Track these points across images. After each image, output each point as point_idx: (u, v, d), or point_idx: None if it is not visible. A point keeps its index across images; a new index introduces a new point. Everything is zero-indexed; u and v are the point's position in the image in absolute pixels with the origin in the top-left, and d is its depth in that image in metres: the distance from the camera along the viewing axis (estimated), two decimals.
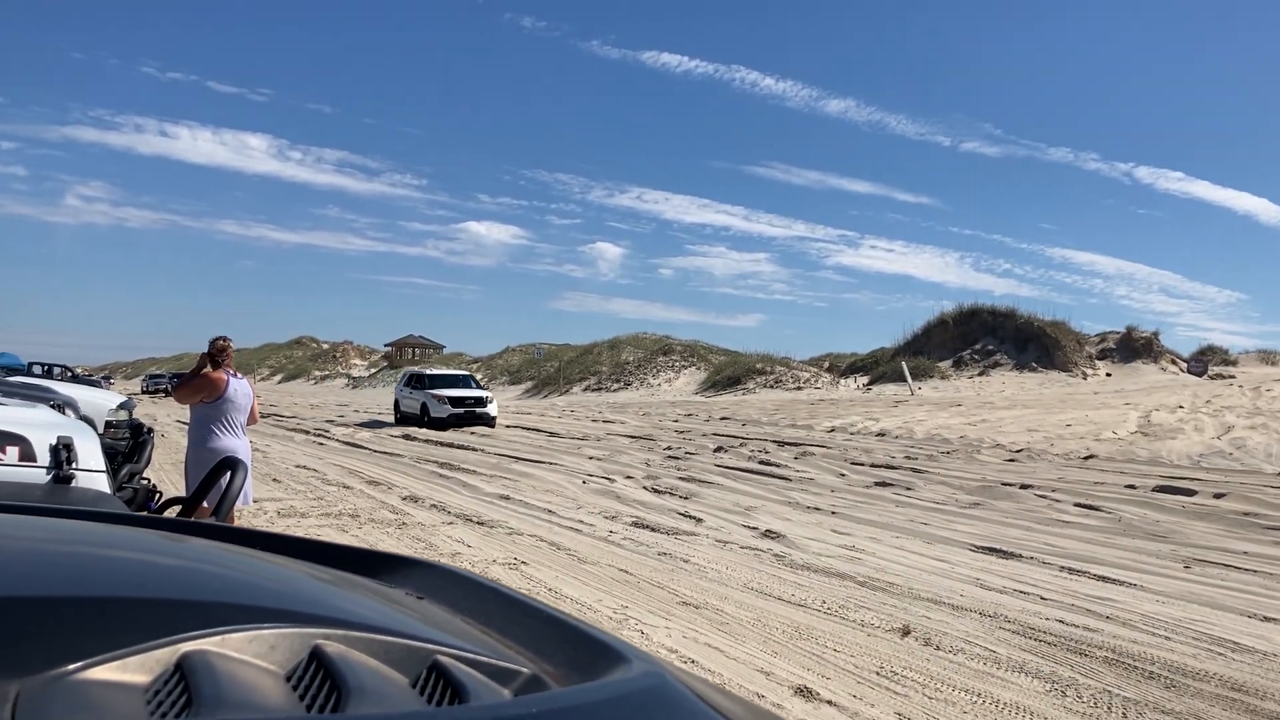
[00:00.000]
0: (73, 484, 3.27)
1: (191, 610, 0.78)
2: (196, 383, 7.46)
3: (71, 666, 0.67)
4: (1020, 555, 9.48)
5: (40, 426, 3.39)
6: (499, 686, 0.80)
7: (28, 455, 3.24)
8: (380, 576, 1.17)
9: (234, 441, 7.44)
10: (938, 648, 6.22)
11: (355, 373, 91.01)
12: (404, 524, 10.97)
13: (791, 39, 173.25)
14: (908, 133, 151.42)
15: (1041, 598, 7.70)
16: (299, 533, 10.21)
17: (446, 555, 9.12)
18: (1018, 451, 19.72)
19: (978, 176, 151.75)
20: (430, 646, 0.82)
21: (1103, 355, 45.70)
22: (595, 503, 13.06)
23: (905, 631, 6.56)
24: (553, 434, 26.13)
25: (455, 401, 28.98)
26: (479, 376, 33.71)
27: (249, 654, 0.74)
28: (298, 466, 17.35)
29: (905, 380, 41.11)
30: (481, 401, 29.50)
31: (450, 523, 11.20)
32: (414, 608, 1.02)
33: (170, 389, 64.13)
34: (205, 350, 7.65)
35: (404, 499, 13.11)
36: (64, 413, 5.70)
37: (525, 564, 8.84)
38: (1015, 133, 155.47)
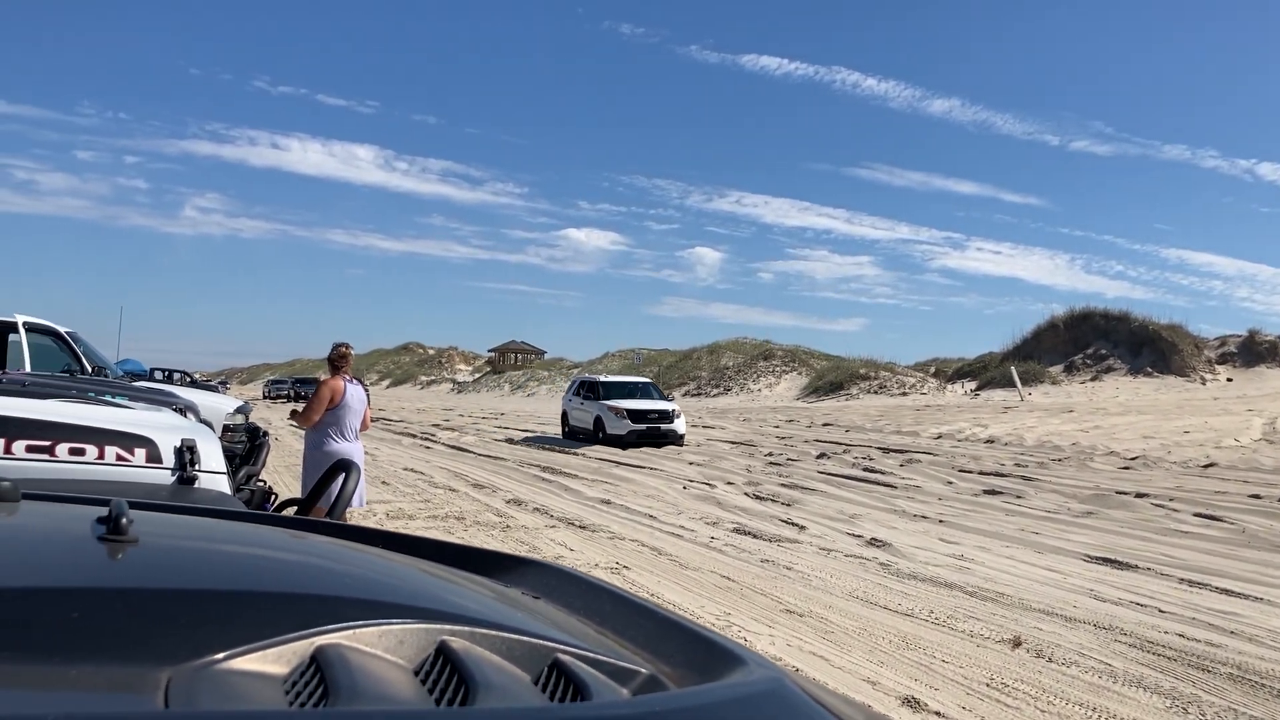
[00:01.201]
0: (195, 485, 3.38)
1: (324, 605, 0.81)
2: (314, 403, 7.70)
3: (218, 656, 0.69)
4: (1136, 566, 9.17)
5: (165, 429, 3.52)
6: (618, 686, 0.80)
7: (154, 457, 3.36)
8: (496, 575, 1.18)
9: (348, 445, 7.64)
10: (1050, 660, 6.04)
11: (460, 377, 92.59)
12: (508, 527, 11.10)
13: (893, 39, 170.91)
14: (1015, 132, 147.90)
15: (1160, 610, 7.43)
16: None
17: (549, 559, 9.20)
18: (1133, 459, 19.10)
19: (1088, 176, 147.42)
20: (551, 645, 0.82)
21: (1223, 360, 44.00)
22: (696, 508, 13.04)
23: (1016, 643, 6.39)
24: None
25: (636, 415, 24.24)
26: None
27: (379, 648, 0.76)
28: (405, 469, 17.70)
29: (1014, 385, 40.17)
30: (667, 416, 24.47)
31: (553, 526, 11.30)
32: (531, 607, 1.03)
33: (293, 394, 64.24)
34: (328, 356, 7.92)
35: (507, 502, 13.27)
36: (185, 416, 5.91)
37: (627, 568, 8.86)
38: (1127, 130, 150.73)
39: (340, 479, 3.91)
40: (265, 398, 68.96)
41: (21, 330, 10.82)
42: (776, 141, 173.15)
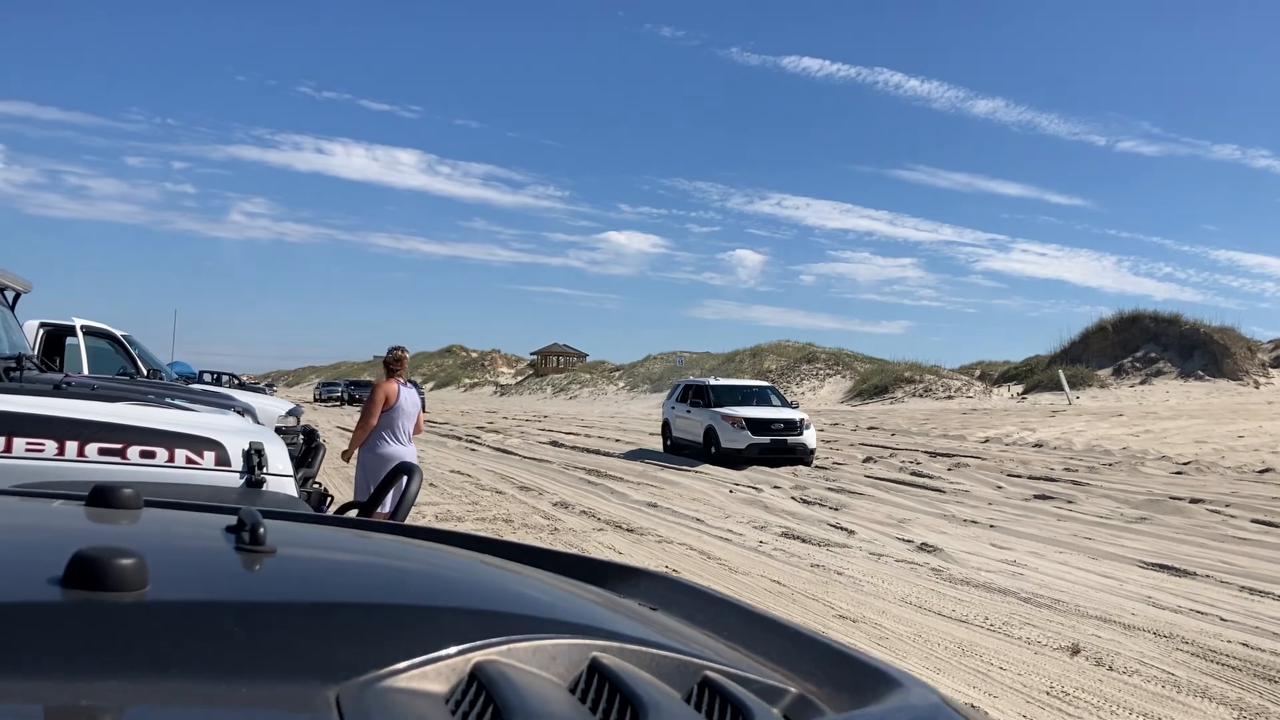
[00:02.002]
0: (264, 488, 3.41)
1: (479, 620, 0.80)
2: (368, 405, 7.78)
3: (381, 672, 0.68)
4: (1194, 573, 9.01)
5: (234, 432, 3.56)
6: (769, 706, 0.78)
7: (223, 460, 3.40)
8: (609, 586, 1.17)
9: (401, 448, 7.69)
10: (1110, 668, 5.95)
11: (502, 380, 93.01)
12: (556, 529, 11.12)
13: (936, 39, 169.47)
14: (1060, 132, 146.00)
15: (1221, 619, 7.30)
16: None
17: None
18: (1185, 464, 18.79)
19: (1135, 176, 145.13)
20: (699, 661, 0.81)
21: (1277, 363, 43.20)
22: (743, 512, 12.99)
23: (1074, 650, 6.30)
24: None
25: (757, 426, 19.97)
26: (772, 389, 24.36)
27: (533, 664, 0.75)
28: (452, 471, 17.79)
29: (1062, 389, 39.68)
30: (794, 426, 20.21)
31: (600, 529, 11.30)
32: (655, 620, 1.01)
33: (346, 398, 62.42)
34: (383, 359, 8.03)
35: (554, 505, 13.29)
36: (244, 419, 5.97)
37: (676, 573, 8.81)
38: (1176, 130, 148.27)
39: (403, 481, 3.94)
40: (316, 400, 68.19)
41: (79, 334, 11.01)
42: (818, 143, 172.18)
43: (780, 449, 19.88)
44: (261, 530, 0.95)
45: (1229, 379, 40.46)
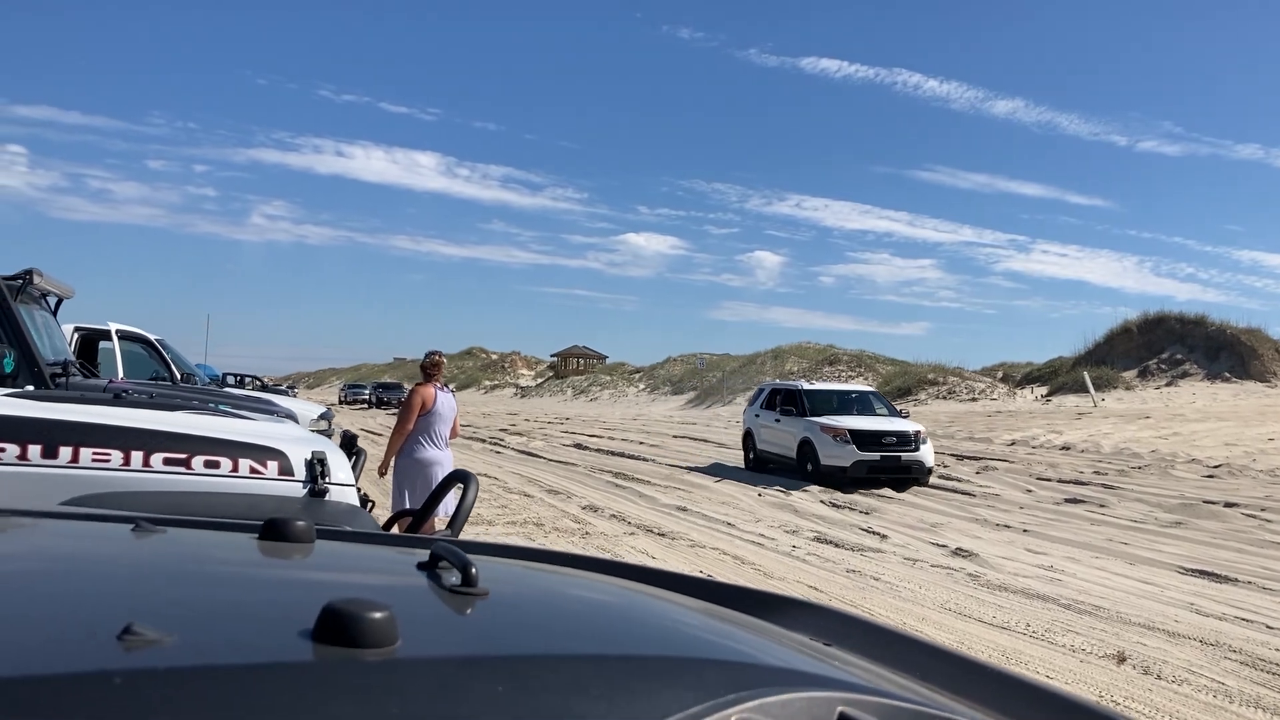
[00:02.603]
0: (326, 497, 3.41)
1: (729, 671, 0.77)
2: (405, 410, 7.79)
3: None
4: (1235, 579, 8.92)
5: (296, 441, 3.56)
6: None
7: (286, 469, 3.40)
8: (773, 618, 1.14)
9: (437, 453, 7.68)
10: (1159, 677, 5.89)
11: (522, 382, 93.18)
12: (587, 534, 11.11)
13: (955, 40, 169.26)
14: (1080, 133, 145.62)
15: (1267, 626, 7.22)
16: (487, 541, 10.47)
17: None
18: (1216, 467, 18.63)
19: (1157, 177, 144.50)
20: (935, 713, 0.78)
21: None
22: (773, 516, 12.95)
23: (1120, 658, 6.24)
24: (720, 444, 26.09)
25: (864, 439, 16.94)
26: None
27: (783, 718, 0.72)
28: (478, 474, 17.75)
29: (1088, 391, 39.41)
30: (908, 440, 17.08)
31: (631, 533, 11.28)
32: (845, 660, 0.99)
33: (373, 400, 60.03)
34: (420, 363, 8.06)
35: (584, 508, 13.28)
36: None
37: (711, 578, 8.80)
38: (1198, 130, 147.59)
39: (458, 490, 3.92)
40: (342, 402, 65.18)
41: (114, 337, 11.06)
42: (836, 144, 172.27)
43: (893, 467, 16.76)
44: (474, 571, 0.93)
45: (1256, 380, 40.11)
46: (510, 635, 0.84)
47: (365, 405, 61.05)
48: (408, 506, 7.49)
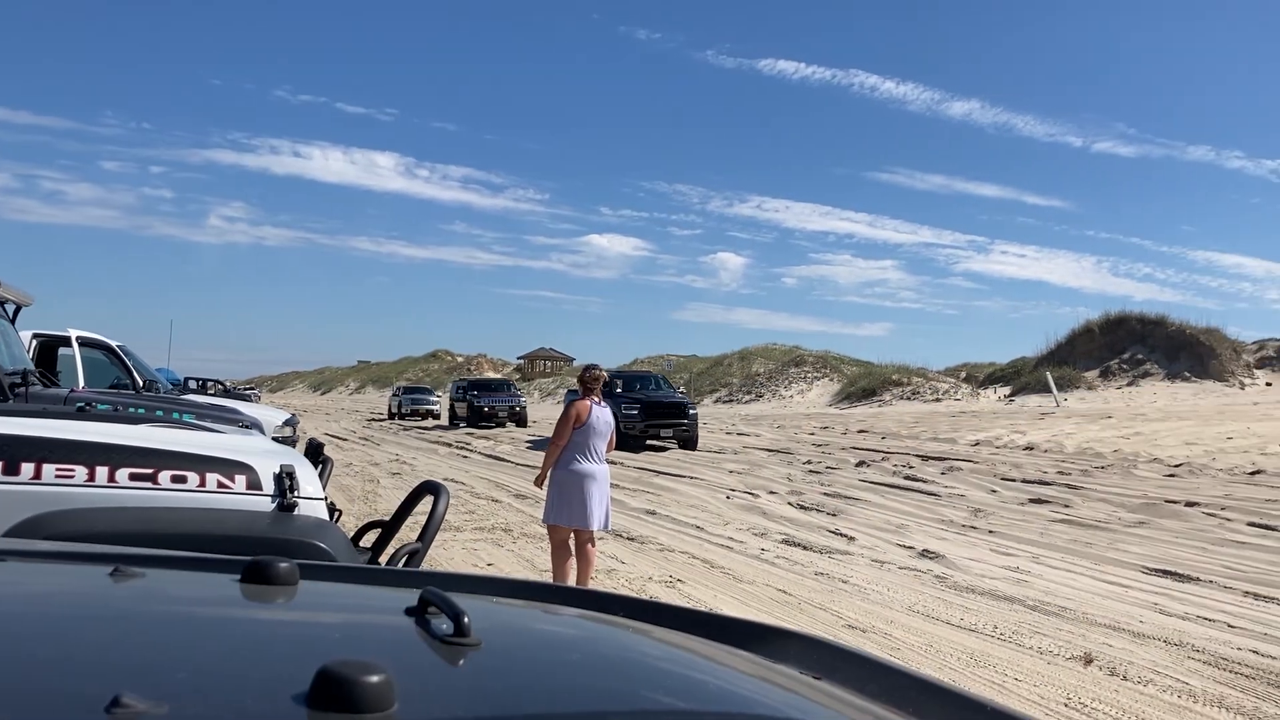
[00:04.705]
0: (295, 512, 3.37)
1: None
2: (561, 424, 7.87)
3: None
4: (1198, 578, 9.03)
5: (264, 454, 3.51)
6: None
7: (254, 484, 3.35)
8: (759, 649, 1.13)
9: (593, 467, 7.79)
10: (1125, 678, 5.95)
11: None
12: None
13: (910, 41, 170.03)
14: (1036, 134, 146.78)
15: (1229, 625, 7.31)
16: (457, 548, 10.42)
17: (602, 571, 9.16)
18: (1177, 466, 18.89)
19: (1112, 178, 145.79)
20: None
21: (1261, 364, 43.53)
22: (742, 519, 12.97)
23: (1088, 660, 6.30)
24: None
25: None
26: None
27: None
28: (444, 479, 17.67)
29: (1050, 391, 39.86)
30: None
31: (601, 538, 11.19)
32: (835, 695, 0.98)
33: (430, 413, 45.72)
34: (579, 376, 8.25)
35: None
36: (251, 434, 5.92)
37: (681, 582, 8.82)
38: (1151, 131, 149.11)
39: (429, 501, 3.89)
40: (396, 415, 48.07)
41: (75, 344, 10.90)
42: (796, 146, 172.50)
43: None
44: (466, 620, 0.90)
45: (1215, 380, 40.74)
46: (508, 693, 0.81)
47: (450, 420, 39.37)
48: (564, 520, 7.72)
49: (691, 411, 24.71)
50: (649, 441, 24.80)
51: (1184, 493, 14.96)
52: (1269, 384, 40.59)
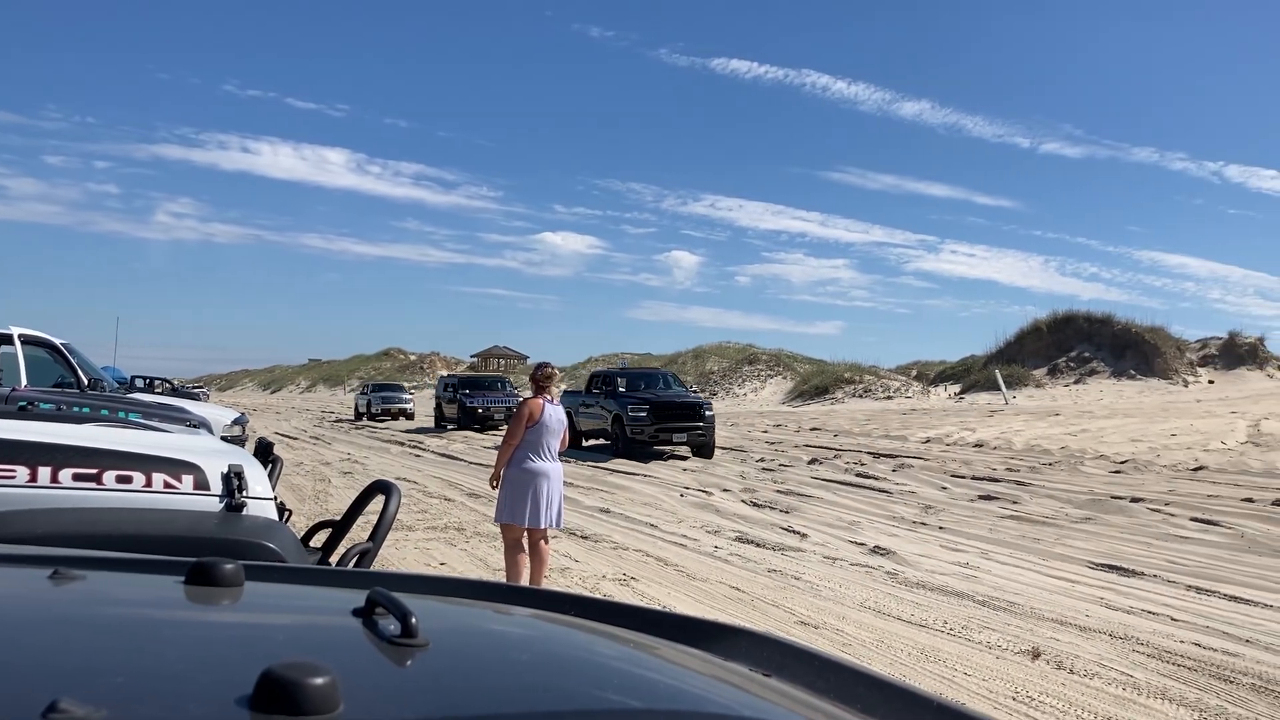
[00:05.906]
0: (244, 512, 3.32)
1: None
2: (514, 423, 7.88)
3: None
4: (1143, 573, 9.19)
5: (211, 454, 3.46)
6: None
7: (201, 484, 3.30)
8: (710, 647, 1.13)
9: (546, 465, 7.78)
10: (1071, 671, 6.04)
11: None
12: None
13: (862, 42, 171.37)
14: (985, 134, 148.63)
15: (1172, 619, 7.45)
16: (409, 548, 10.35)
17: (556, 570, 9.14)
18: (1122, 463, 19.19)
19: (1060, 178, 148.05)
20: None
21: (1204, 362, 44.38)
22: (695, 517, 13.00)
23: (1035, 654, 6.39)
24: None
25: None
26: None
27: None
28: (397, 478, 17.56)
29: (999, 389, 40.36)
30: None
31: (554, 536, 11.19)
32: (784, 692, 0.98)
33: (403, 412, 41.87)
34: (531, 374, 8.24)
35: None
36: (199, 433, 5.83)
37: (635, 580, 8.83)
38: (1097, 133, 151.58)
39: (380, 500, 3.86)
40: (362, 416, 43.75)
41: (17, 342, 10.67)
42: (749, 145, 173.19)
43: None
44: (414, 621, 0.89)
45: (1160, 378, 41.48)
46: (456, 693, 0.81)
47: (436, 422, 35.31)
48: (518, 519, 7.67)
49: (708, 413, 21.93)
50: (658, 448, 22.23)
51: (1129, 489, 15.20)
52: (1211, 382, 41.39)
